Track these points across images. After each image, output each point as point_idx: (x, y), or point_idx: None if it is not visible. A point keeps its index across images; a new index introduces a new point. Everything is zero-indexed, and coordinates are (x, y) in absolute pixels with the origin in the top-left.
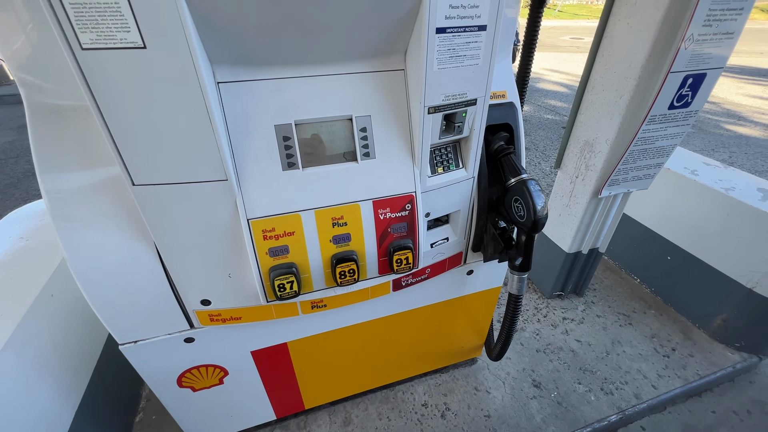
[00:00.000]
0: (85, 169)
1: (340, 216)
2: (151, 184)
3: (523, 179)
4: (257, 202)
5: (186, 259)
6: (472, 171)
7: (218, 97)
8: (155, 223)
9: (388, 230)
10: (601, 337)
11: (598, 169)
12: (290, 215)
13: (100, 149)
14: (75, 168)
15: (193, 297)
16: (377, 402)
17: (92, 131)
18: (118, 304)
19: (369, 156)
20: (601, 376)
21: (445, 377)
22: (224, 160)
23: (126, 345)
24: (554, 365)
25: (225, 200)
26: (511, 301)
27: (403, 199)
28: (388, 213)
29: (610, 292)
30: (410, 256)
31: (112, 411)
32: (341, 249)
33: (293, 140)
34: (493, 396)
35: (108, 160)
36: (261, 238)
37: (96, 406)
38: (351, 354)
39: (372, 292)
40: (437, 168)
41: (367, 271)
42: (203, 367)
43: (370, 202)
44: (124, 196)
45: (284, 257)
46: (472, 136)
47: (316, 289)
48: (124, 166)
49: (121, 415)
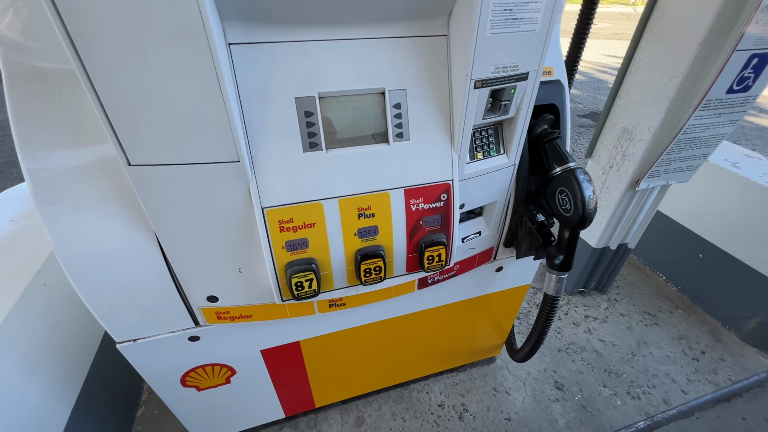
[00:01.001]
0: (74, 146)
1: (367, 206)
2: (149, 165)
3: (571, 168)
4: (273, 188)
5: (191, 251)
6: (513, 158)
7: (229, 60)
8: (155, 209)
9: (419, 223)
10: (626, 337)
11: (636, 159)
12: (311, 204)
13: (92, 122)
14: (63, 144)
15: (198, 293)
16: (391, 401)
17: (82, 101)
18: (115, 300)
19: (402, 137)
20: (627, 379)
21: (462, 376)
22: (236, 137)
23: (124, 344)
24: (577, 366)
25: (236, 185)
26: (546, 302)
27: (439, 188)
28: (421, 204)
29: (633, 289)
30: (443, 252)
31: (112, 405)
32: (367, 243)
33: (316, 116)
34: (513, 398)
35: (101, 135)
36: (277, 230)
37: (94, 401)
38: (366, 352)
39: (395, 291)
40: (476, 153)
41: (394, 269)
42: (209, 367)
43: (401, 190)
44: (121, 177)
45: (303, 252)
46: (518, 117)
47: (337, 288)
48: (118, 143)
49: (121, 410)
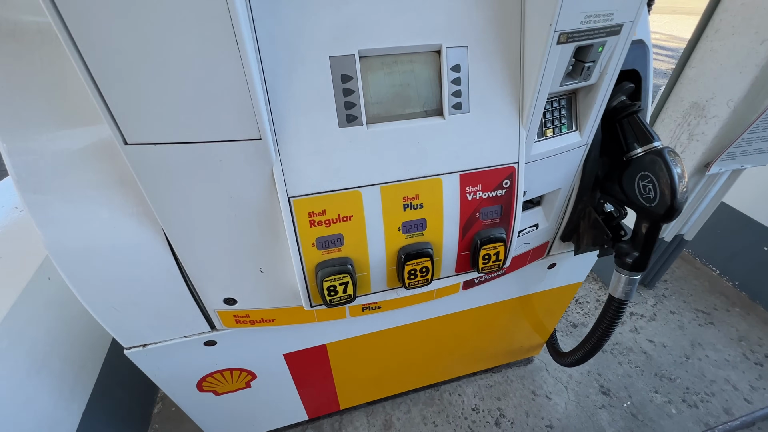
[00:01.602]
0: (63, 122)
1: (415, 195)
2: (150, 144)
3: (657, 148)
4: (302, 173)
5: (203, 247)
6: (587, 136)
7: (247, 7)
8: (159, 198)
9: (476, 215)
10: (678, 337)
11: (707, 139)
12: (348, 192)
13: (85, 92)
14: (48, 120)
15: (214, 295)
16: (420, 403)
17: (69, 65)
18: (119, 303)
19: (460, 109)
20: (681, 385)
21: (498, 378)
22: (257, 108)
23: (133, 350)
24: (624, 369)
25: (257, 169)
26: (611, 306)
27: (501, 172)
28: (479, 192)
29: (684, 284)
30: (501, 250)
31: (127, 403)
32: (413, 240)
33: (356, 81)
34: (554, 403)
35: (95, 108)
36: (307, 224)
37: (108, 399)
38: (397, 353)
39: (438, 293)
40: (545, 130)
41: (442, 269)
42: (227, 372)
43: (456, 175)
44: (120, 160)
45: (337, 250)
46: (600, 84)
47: (375, 291)
48: (110, 116)
49: (137, 407)
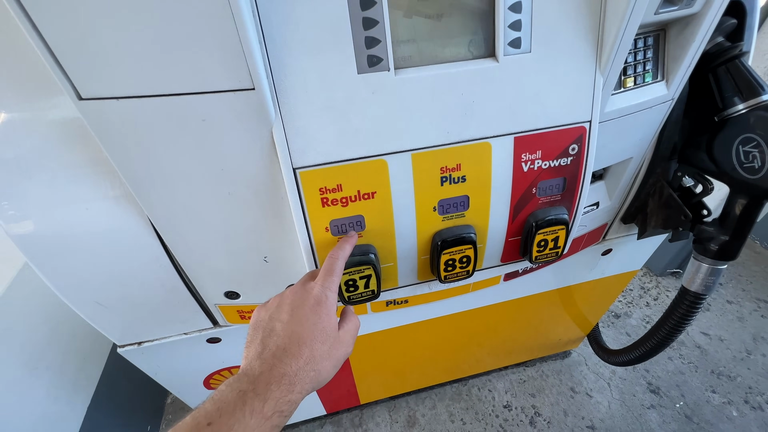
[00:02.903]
0: (22, 90)
1: (456, 164)
2: (110, 98)
3: (766, 103)
4: (311, 137)
5: (195, 233)
6: (675, 88)
7: None
8: (131, 172)
9: (532, 191)
10: (737, 330)
11: None
12: (370, 162)
13: None
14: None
15: (213, 288)
16: (447, 399)
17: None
18: (103, 298)
19: (519, 47)
20: (743, 384)
21: (531, 372)
22: (247, 45)
23: (127, 348)
24: (675, 365)
25: (252, 131)
26: (685, 299)
27: (569, 133)
28: (538, 160)
29: (742, 270)
30: (561, 235)
31: (137, 394)
32: (452, 223)
33: (380, 8)
34: (596, 401)
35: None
36: (318, 203)
37: (115, 391)
38: (422, 347)
39: (475, 286)
40: (624, 79)
41: (485, 259)
42: (236, 369)
43: (510, 138)
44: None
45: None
46: (705, 13)
47: (402, 285)
48: (55, 61)
49: (148, 398)
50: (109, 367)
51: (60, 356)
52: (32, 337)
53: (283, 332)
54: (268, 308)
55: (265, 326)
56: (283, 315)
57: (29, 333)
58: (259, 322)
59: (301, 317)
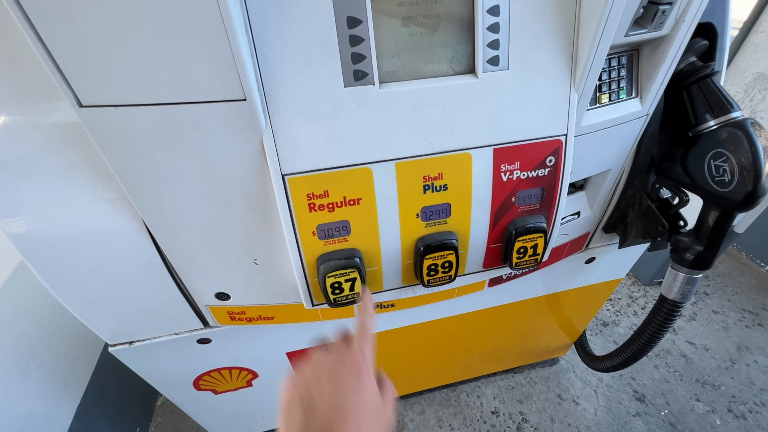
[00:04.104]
0: (24, 94)
1: (438, 173)
2: (108, 105)
3: (737, 120)
4: (300, 145)
5: (188, 235)
6: (649, 104)
7: None
8: (127, 175)
9: (511, 200)
10: (722, 340)
11: None
12: (355, 170)
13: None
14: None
15: (204, 289)
16: (435, 404)
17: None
18: (97, 297)
19: (498, 64)
20: (726, 393)
21: (520, 379)
22: (239, 60)
23: (118, 347)
24: (661, 373)
25: (243, 138)
26: (663, 307)
27: (546, 146)
28: (517, 171)
29: (728, 281)
30: (540, 242)
31: (127, 396)
32: (434, 229)
33: (366, 27)
34: (582, 408)
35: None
36: (305, 209)
37: (106, 392)
38: (411, 352)
39: (460, 291)
40: (599, 96)
41: (467, 264)
42: (225, 370)
43: (489, 150)
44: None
45: (342, 240)
46: (674, 36)
47: (387, 289)
48: (58, 71)
49: (138, 400)
50: (99, 368)
51: (52, 356)
52: (25, 336)
53: (326, 405)
54: (305, 378)
55: (303, 399)
56: (324, 386)
57: (22, 332)
58: (295, 394)
59: (344, 388)
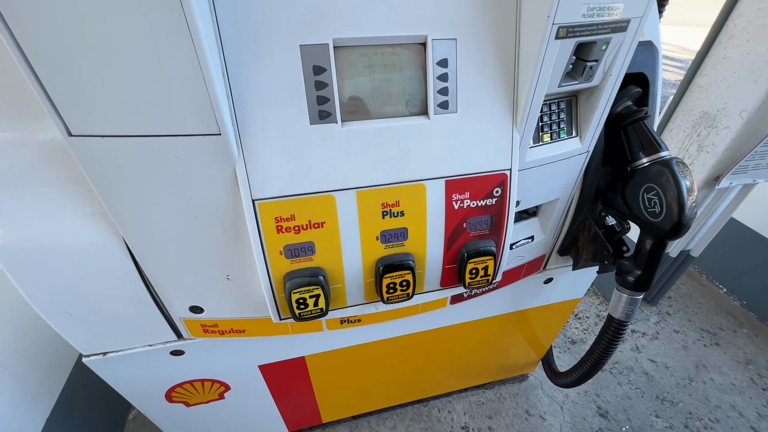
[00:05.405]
0: (7, 114)
1: (395, 201)
2: (96, 135)
3: (664, 159)
4: (268, 174)
5: (164, 252)
6: (588, 143)
7: None
8: (111, 197)
9: (463, 226)
10: (682, 358)
11: (718, 152)
12: (320, 196)
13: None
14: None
15: (178, 302)
16: (407, 419)
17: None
18: (73, 308)
19: (447, 108)
20: (684, 409)
21: (490, 395)
22: (215, 100)
23: (92, 357)
24: (624, 390)
25: (217, 168)
26: (610, 326)
27: (492, 179)
28: (467, 200)
29: (689, 302)
30: (491, 264)
31: (99, 409)
32: (393, 251)
33: (330, 74)
34: (549, 424)
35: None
36: (273, 230)
37: (77, 405)
38: (382, 367)
39: (423, 308)
40: (542, 135)
41: (425, 283)
42: (197, 382)
43: (441, 181)
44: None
45: (307, 260)
46: (603, 87)
47: (351, 305)
48: (51, 104)
49: (110, 413)
50: (71, 381)
51: (24, 366)
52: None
53: None
54: None
55: None
56: None
57: None
58: None
59: None
